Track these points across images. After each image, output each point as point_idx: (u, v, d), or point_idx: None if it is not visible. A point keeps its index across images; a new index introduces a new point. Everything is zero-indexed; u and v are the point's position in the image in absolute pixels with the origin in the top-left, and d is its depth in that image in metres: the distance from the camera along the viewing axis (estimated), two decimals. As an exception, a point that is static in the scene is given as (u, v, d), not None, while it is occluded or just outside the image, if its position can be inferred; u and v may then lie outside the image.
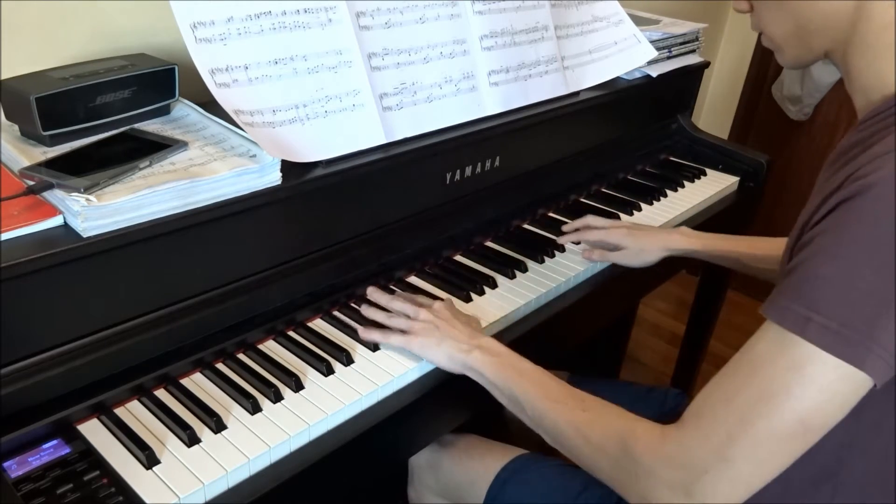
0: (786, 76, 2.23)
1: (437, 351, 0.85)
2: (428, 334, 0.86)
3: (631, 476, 0.67)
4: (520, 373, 0.80)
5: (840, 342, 0.55)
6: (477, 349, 0.83)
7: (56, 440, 0.72)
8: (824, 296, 0.57)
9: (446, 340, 0.85)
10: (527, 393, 0.78)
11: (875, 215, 0.56)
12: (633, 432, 0.67)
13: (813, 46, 0.69)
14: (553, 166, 1.27)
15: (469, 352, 0.83)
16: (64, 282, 0.71)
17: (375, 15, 0.96)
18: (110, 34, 1.00)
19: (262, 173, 0.82)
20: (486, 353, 0.82)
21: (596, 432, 0.71)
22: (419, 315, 0.89)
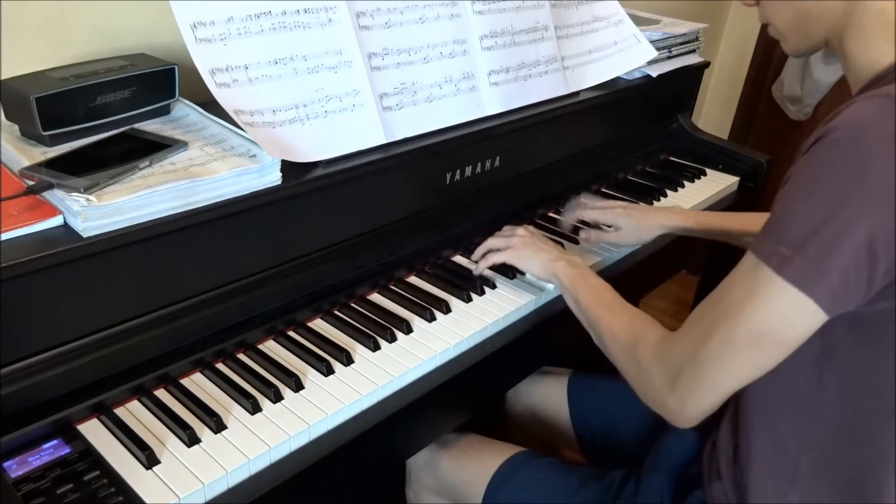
0: (786, 76, 2.23)
1: (535, 259, 1.00)
2: (525, 247, 1.02)
3: (637, 371, 0.78)
4: (587, 283, 0.93)
5: (791, 267, 0.62)
6: (562, 260, 0.98)
7: (56, 440, 0.72)
8: (787, 229, 0.63)
9: (540, 252, 1.00)
10: (586, 298, 0.91)
11: (832, 154, 0.62)
12: (646, 335, 0.78)
13: (812, 34, 0.76)
14: (553, 166, 1.27)
15: (556, 261, 0.98)
16: (64, 282, 0.71)
17: (375, 15, 0.96)
18: (110, 34, 1.00)
19: (262, 173, 0.82)
20: (569, 264, 0.97)
21: (622, 332, 0.82)
22: (517, 231, 1.05)
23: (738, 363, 0.67)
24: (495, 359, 0.96)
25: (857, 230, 0.59)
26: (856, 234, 0.59)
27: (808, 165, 0.64)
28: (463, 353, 0.94)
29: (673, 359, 0.72)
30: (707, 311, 0.70)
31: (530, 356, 1.09)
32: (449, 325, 0.96)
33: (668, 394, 0.72)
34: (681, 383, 0.71)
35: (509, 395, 1.24)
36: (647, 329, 0.80)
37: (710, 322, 0.69)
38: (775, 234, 0.64)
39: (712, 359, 0.68)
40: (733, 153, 1.54)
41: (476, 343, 0.96)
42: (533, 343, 1.02)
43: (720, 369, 0.68)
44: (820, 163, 0.63)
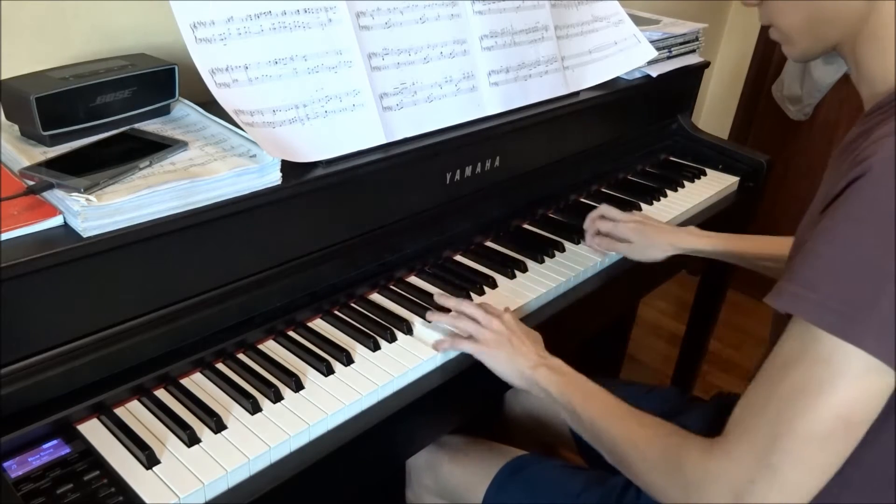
0: (786, 76, 2.23)
1: (508, 364, 0.86)
2: (499, 346, 0.86)
3: (684, 492, 0.66)
4: (583, 392, 0.80)
5: (835, 318, 0.55)
6: (543, 367, 0.84)
7: (56, 440, 0.72)
8: (823, 274, 0.57)
9: (516, 356, 0.85)
10: (588, 411, 0.78)
11: (872, 195, 0.56)
12: (684, 448, 0.67)
13: (825, 38, 0.70)
14: (553, 166, 1.27)
15: (536, 368, 0.84)
16: (64, 282, 0.71)
17: (375, 15, 0.96)
18: (110, 34, 1.00)
19: (262, 173, 0.82)
20: (553, 371, 0.83)
21: (652, 449, 0.70)
22: (492, 324, 0.88)
23: (824, 455, 0.57)
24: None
25: None
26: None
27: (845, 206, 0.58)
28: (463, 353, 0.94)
29: (734, 470, 0.61)
30: (766, 402, 0.60)
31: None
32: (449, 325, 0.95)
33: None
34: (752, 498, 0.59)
35: (508, 396, 1.24)
36: (684, 440, 0.67)
37: (775, 414, 0.58)
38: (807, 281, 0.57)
39: (792, 459, 0.57)
40: (733, 153, 1.54)
41: (476, 343, 0.96)
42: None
43: (804, 470, 0.58)
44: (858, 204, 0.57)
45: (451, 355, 0.92)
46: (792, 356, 0.59)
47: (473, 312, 0.91)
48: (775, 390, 0.59)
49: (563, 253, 1.17)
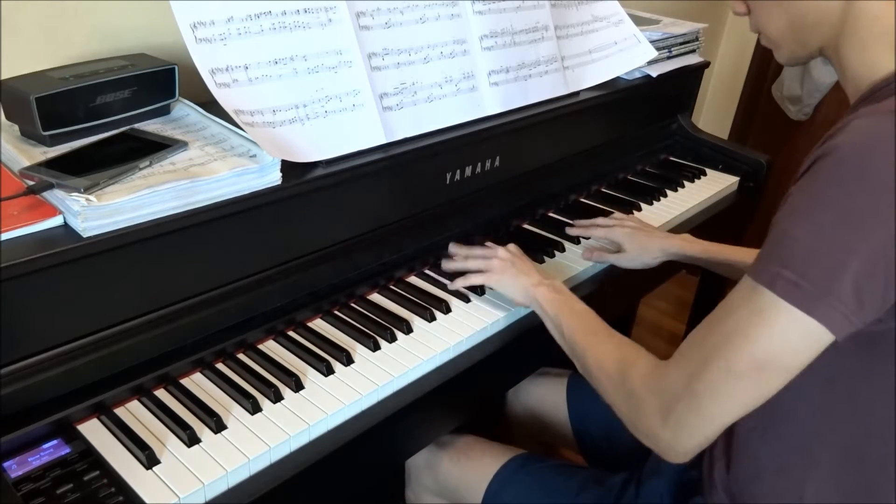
0: (786, 76, 2.23)
1: (514, 284, 0.96)
2: (504, 271, 0.97)
3: (626, 402, 0.74)
4: (571, 310, 0.89)
5: (796, 291, 0.59)
6: (543, 285, 0.93)
7: (56, 440, 0.72)
8: (790, 251, 0.61)
9: (521, 276, 0.96)
10: (570, 326, 0.87)
11: (838, 173, 0.59)
12: (634, 363, 0.75)
13: (808, 42, 0.73)
14: (553, 166, 1.27)
15: (538, 287, 0.93)
16: (64, 282, 0.71)
17: (375, 15, 0.96)
18: (110, 34, 1.00)
19: (262, 173, 0.82)
20: (551, 289, 0.93)
21: (608, 361, 0.78)
22: (497, 254, 1.00)
23: (738, 393, 0.64)
24: (495, 359, 0.96)
25: (867, 249, 0.57)
26: (866, 253, 0.57)
27: (811, 184, 0.61)
28: (463, 353, 0.94)
29: (666, 389, 0.68)
30: (703, 339, 0.67)
31: (530, 356, 1.09)
32: (449, 325, 0.96)
33: (661, 427, 0.69)
34: (675, 416, 0.67)
35: (509, 395, 1.24)
36: (635, 357, 0.76)
37: (707, 350, 0.65)
38: (777, 257, 0.61)
39: (710, 389, 0.65)
40: (733, 153, 1.54)
41: (476, 343, 0.96)
42: (533, 343, 1.02)
43: (719, 400, 0.65)
44: (824, 181, 0.60)
45: (450, 355, 0.93)
46: (735, 304, 0.65)
47: (480, 251, 1.03)
48: (713, 329, 0.66)
49: (563, 253, 1.17)
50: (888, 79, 0.66)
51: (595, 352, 0.81)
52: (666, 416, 0.68)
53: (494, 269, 0.98)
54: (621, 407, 0.76)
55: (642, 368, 0.73)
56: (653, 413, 0.70)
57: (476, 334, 0.95)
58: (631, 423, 0.74)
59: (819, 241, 0.59)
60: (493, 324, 0.98)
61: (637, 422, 0.73)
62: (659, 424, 0.69)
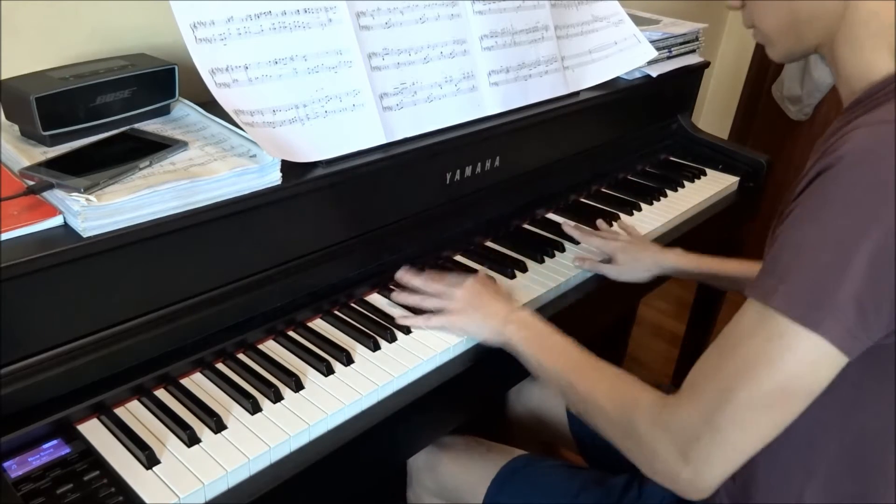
0: (786, 76, 2.23)
1: (482, 327, 0.89)
2: (466, 313, 0.90)
3: (638, 446, 0.70)
4: (549, 346, 0.84)
5: (799, 307, 0.58)
6: (511, 324, 0.87)
7: (56, 440, 0.72)
8: (791, 264, 0.59)
9: (486, 317, 0.89)
10: (555, 365, 0.82)
11: (838, 185, 0.58)
12: (638, 402, 0.71)
13: (803, 38, 0.71)
14: (553, 166, 1.27)
15: (506, 325, 0.87)
16: (64, 282, 0.71)
17: (375, 15, 0.96)
18: (110, 34, 1.00)
19: (262, 173, 0.82)
20: (521, 326, 0.86)
21: (610, 403, 0.74)
22: (455, 294, 0.92)
23: (763, 423, 0.62)
24: (495, 359, 0.96)
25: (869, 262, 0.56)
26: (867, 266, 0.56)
27: (813, 198, 0.60)
28: (463, 353, 0.94)
29: (683, 427, 0.65)
30: (717, 369, 0.64)
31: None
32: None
33: (682, 466, 0.65)
34: (697, 453, 0.64)
35: (510, 396, 1.24)
36: (637, 395, 0.72)
37: (724, 381, 0.63)
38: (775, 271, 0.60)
39: (734, 422, 0.62)
40: (733, 153, 1.54)
41: (476, 343, 0.96)
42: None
43: (744, 433, 0.62)
44: (827, 194, 0.59)
45: (450, 355, 0.92)
46: (746, 330, 0.62)
47: (437, 289, 0.94)
48: (727, 359, 0.63)
49: (563, 253, 1.17)
50: (885, 81, 0.65)
51: (588, 391, 0.77)
52: (685, 455, 0.65)
53: (454, 311, 0.90)
54: (632, 450, 0.72)
55: (648, 408, 0.69)
56: (669, 453, 0.66)
57: (476, 334, 0.95)
58: (645, 464, 0.70)
59: (821, 252, 0.58)
60: (494, 324, 0.98)
61: (653, 464, 0.69)
62: (678, 464, 0.66)
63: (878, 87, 0.65)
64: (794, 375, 0.60)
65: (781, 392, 0.60)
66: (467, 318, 0.90)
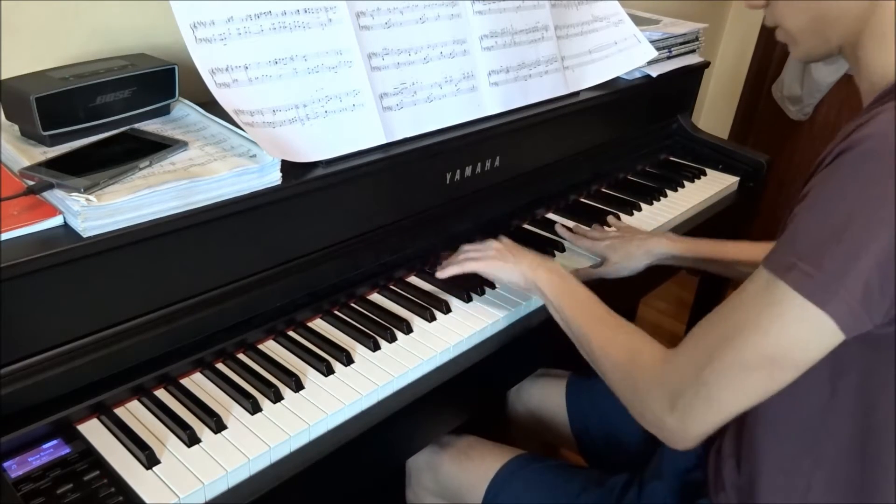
0: (786, 76, 2.23)
1: (512, 270, 0.95)
2: (501, 258, 0.96)
3: (633, 390, 0.74)
4: (572, 292, 0.89)
5: (809, 283, 0.59)
6: (542, 268, 0.93)
7: (56, 440, 0.72)
8: (808, 243, 0.60)
9: (519, 262, 0.95)
10: (573, 310, 0.86)
11: (859, 167, 0.59)
12: (641, 352, 0.75)
13: (829, 38, 0.71)
14: (553, 166, 1.27)
15: (536, 270, 0.93)
16: (64, 282, 0.71)
17: (375, 15, 0.96)
18: (110, 34, 1.00)
19: (262, 173, 0.82)
20: (550, 272, 0.92)
21: (614, 349, 0.78)
22: (491, 245, 0.99)
23: (747, 385, 0.64)
24: (495, 359, 0.96)
25: (880, 245, 0.56)
26: (884, 243, 0.56)
27: (833, 177, 0.61)
28: (463, 353, 0.94)
29: (675, 377, 0.69)
30: (714, 328, 0.67)
31: (530, 357, 1.09)
32: (449, 325, 0.96)
33: (668, 414, 0.69)
34: (683, 403, 0.68)
35: (510, 396, 1.24)
36: (643, 345, 0.76)
37: (717, 340, 0.65)
38: (793, 248, 0.61)
39: (719, 379, 0.65)
40: (733, 153, 1.54)
41: (476, 343, 0.96)
42: (533, 343, 1.02)
43: (727, 390, 0.65)
44: (846, 175, 0.59)
45: (450, 355, 0.92)
46: (749, 295, 0.64)
47: (473, 246, 1.01)
48: (724, 320, 0.66)
49: (563, 253, 1.17)
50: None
51: (600, 339, 0.81)
52: (673, 403, 0.68)
53: (490, 256, 0.97)
54: (626, 394, 0.76)
55: (649, 356, 0.74)
56: (660, 400, 0.70)
57: (476, 334, 0.95)
58: (636, 410, 0.74)
59: (836, 234, 0.58)
60: (493, 324, 0.98)
61: (643, 409, 0.73)
62: (666, 411, 0.69)
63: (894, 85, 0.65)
64: (785, 344, 0.61)
65: (769, 358, 0.62)
66: (501, 262, 0.96)
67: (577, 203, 1.36)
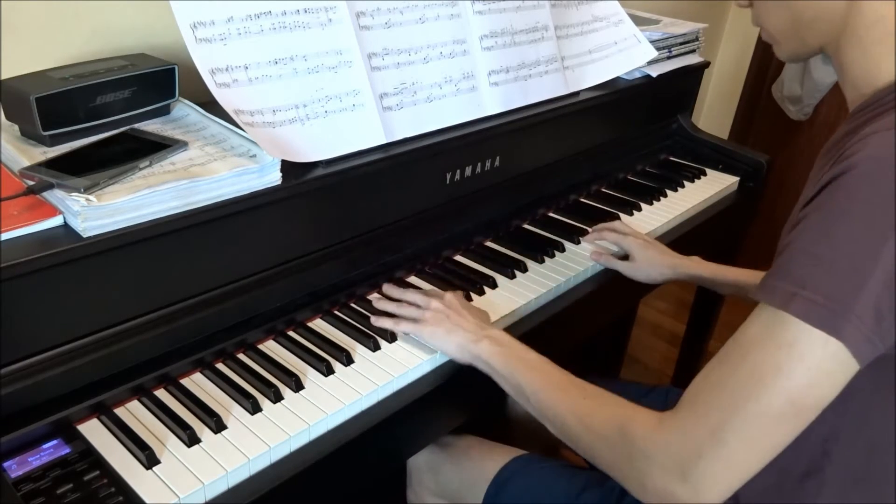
0: (786, 76, 2.23)
1: (448, 339, 0.86)
2: (438, 323, 0.87)
3: (629, 462, 0.67)
4: (525, 363, 0.81)
5: (821, 313, 0.56)
6: (485, 339, 0.84)
7: (56, 440, 0.72)
8: (809, 271, 0.58)
9: (456, 330, 0.86)
10: (531, 383, 0.78)
11: (857, 191, 0.57)
12: (632, 419, 0.67)
13: (807, 40, 0.71)
14: (553, 166, 1.27)
15: (477, 342, 0.84)
16: (64, 282, 0.71)
17: (375, 15, 0.96)
18: (110, 34, 1.00)
19: (262, 173, 0.82)
20: (494, 343, 0.83)
21: (596, 420, 0.71)
22: (430, 304, 0.90)
23: (774, 435, 0.59)
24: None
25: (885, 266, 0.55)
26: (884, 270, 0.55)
27: (830, 202, 0.59)
28: (463, 353, 0.94)
29: (682, 443, 0.62)
30: (723, 382, 0.61)
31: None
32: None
33: (679, 484, 0.62)
34: (697, 471, 0.61)
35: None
36: (631, 412, 0.68)
37: (733, 394, 0.60)
38: (790, 277, 0.58)
39: (742, 436, 0.59)
40: (733, 153, 1.54)
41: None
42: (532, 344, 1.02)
43: (751, 447, 0.59)
44: (846, 198, 0.58)
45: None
46: (756, 339, 0.60)
47: (414, 298, 0.93)
48: (734, 370, 0.61)
49: (563, 253, 1.17)
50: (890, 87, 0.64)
51: (577, 412, 0.73)
52: (684, 473, 0.62)
53: (427, 322, 0.88)
54: (622, 468, 0.68)
55: (642, 424, 0.66)
56: (665, 470, 0.63)
57: (476, 334, 0.95)
58: (635, 483, 0.67)
59: (842, 259, 0.56)
60: (493, 324, 0.98)
61: (646, 482, 0.65)
62: (675, 482, 0.62)
63: (885, 92, 0.65)
64: (807, 384, 0.58)
65: (793, 403, 0.58)
66: (436, 328, 0.87)
67: (577, 203, 1.36)
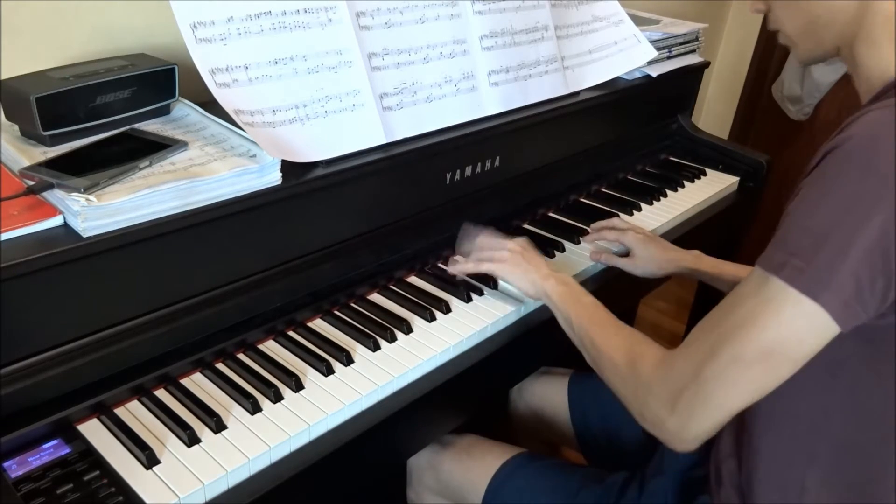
0: (786, 76, 2.23)
1: (523, 276, 0.96)
2: (515, 263, 0.97)
3: (634, 392, 0.75)
4: (578, 302, 0.91)
5: (802, 279, 0.61)
6: (552, 278, 0.94)
7: (56, 440, 0.72)
8: (800, 242, 0.62)
9: (530, 268, 0.96)
10: (578, 317, 0.88)
11: (846, 164, 0.61)
12: (643, 355, 0.76)
13: (823, 41, 0.74)
14: (553, 166, 1.27)
15: (546, 279, 0.94)
16: (64, 282, 0.71)
17: (375, 15, 0.96)
18: (110, 34, 1.00)
19: (262, 173, 0.82)
20: (559, 282, 0.93)
21: (616, 352, 0.80)
22: (507, 245, 1.00)
23: (745, 381, 0.65)
24: (495, 358, 0.96)
25: (869, 235, 0.58)
26: (869, 239, 0.58)
27: (821, 176, 0.63)
28: (463, 353, 0.94)
29: (674, 377, 0.70)
30: (712, 327, 0.68)
31: (530, 356, 1.09)
32: (449, 325, 0.96)
33: (668, 415, 0.69)
34: (682, 403, 0.68)
35: (513, 394, 1.24)
36: (644, 348, 0.77)
37: (715, 338, 0.66)
38: (785, 245, 0.63)
39: (718, 377, 0.66)
40: (733, 153, 1.54)
41: (476, 343, 0.96)
42: (534, 343, 1.02)
43: (726, 388, 0.66)
44: (832, 172, 0.62)
45: (450, 355, 0.92)
46: (744, 295, 0.66)
47: (489, 243, 1.03)
48: (721, 319, 0.67)
49: (563, 253, 1.17)
50: None
51: (604, 344, 0.82)
52: (673, 404, 0.69)
53: (503, 259, 0.98)
54: (629, 397, 0.77)
55: (651, 359, 0.74)
56: (660, 401, 0.71)
57: (476, 334, 0.95)
58: (637, 412, 0.75)
59: (825, 228, 0.60)
60: (493, 324, 0.98)
61: (644, 411, 0.73)
62: (666, 412, 0.70)
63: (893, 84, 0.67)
64: (781, 339, 0.63)
65: (766, 353, 0.63)
66: (513, 266, 0.97)
67: (577, 203, 1.36)
